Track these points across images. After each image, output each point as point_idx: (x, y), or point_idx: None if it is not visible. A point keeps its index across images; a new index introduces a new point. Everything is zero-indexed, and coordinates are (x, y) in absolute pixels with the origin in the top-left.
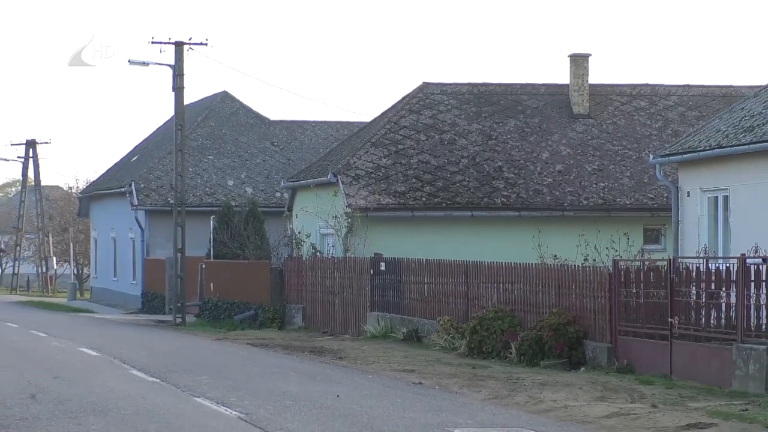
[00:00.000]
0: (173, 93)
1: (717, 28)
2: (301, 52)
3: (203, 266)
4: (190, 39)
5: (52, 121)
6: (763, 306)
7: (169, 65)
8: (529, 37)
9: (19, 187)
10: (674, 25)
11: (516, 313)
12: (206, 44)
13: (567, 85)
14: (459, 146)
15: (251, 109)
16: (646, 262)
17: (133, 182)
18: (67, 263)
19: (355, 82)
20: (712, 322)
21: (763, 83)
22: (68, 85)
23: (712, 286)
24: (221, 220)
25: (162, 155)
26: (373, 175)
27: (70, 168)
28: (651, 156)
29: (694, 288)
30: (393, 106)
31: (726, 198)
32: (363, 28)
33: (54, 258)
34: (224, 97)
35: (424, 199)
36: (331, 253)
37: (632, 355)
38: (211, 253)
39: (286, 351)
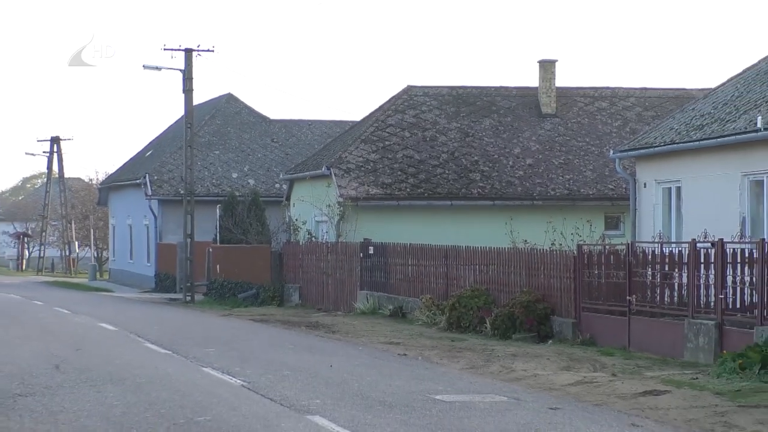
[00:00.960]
0: (183, 95)
1: (672, 35)
2: (298, 58)
3: (210, 250)
4: (198, 46)
5: (72, 119)
6: (712, 285)
7: (180, 69)
8: (503, 44)
9: (45, 179)
10: (633, 33)
11: (491, 292)
12: (213, 51)
13: (536, 88)
14: (440, 142)
15: (253, 109)
16: (607, 246)
17: (147, 174)
18: (87, 247)
19: (346, 85)
20: (666, 299)
21: (713, 86)
22: (85, 86)
23: (666, 268)
24: (226, 208)
25: (173, 150)
26: (362, 168)
27: (90, 162)
28: (611, 151)
29: (649, 269)
30: (380, 107)
31: (678, 189)
32: (354, 35)
33: (76, 242)
34: (229, 99)
35: (408, 189)
36: (325, 238)
37: (594, 329)
38: (218, 238)
39: (284, 326)
